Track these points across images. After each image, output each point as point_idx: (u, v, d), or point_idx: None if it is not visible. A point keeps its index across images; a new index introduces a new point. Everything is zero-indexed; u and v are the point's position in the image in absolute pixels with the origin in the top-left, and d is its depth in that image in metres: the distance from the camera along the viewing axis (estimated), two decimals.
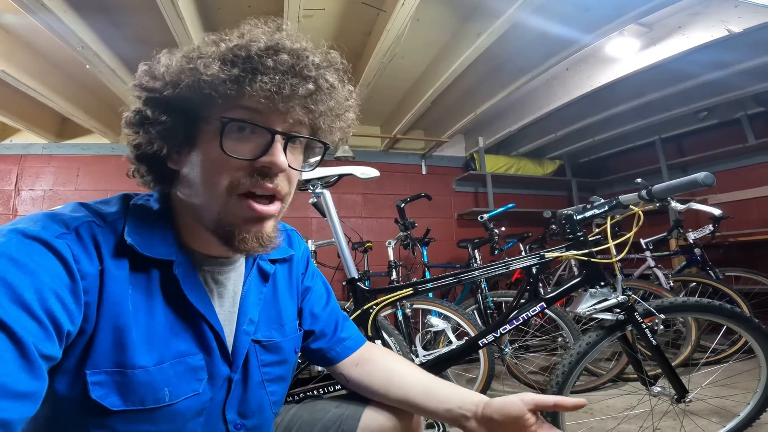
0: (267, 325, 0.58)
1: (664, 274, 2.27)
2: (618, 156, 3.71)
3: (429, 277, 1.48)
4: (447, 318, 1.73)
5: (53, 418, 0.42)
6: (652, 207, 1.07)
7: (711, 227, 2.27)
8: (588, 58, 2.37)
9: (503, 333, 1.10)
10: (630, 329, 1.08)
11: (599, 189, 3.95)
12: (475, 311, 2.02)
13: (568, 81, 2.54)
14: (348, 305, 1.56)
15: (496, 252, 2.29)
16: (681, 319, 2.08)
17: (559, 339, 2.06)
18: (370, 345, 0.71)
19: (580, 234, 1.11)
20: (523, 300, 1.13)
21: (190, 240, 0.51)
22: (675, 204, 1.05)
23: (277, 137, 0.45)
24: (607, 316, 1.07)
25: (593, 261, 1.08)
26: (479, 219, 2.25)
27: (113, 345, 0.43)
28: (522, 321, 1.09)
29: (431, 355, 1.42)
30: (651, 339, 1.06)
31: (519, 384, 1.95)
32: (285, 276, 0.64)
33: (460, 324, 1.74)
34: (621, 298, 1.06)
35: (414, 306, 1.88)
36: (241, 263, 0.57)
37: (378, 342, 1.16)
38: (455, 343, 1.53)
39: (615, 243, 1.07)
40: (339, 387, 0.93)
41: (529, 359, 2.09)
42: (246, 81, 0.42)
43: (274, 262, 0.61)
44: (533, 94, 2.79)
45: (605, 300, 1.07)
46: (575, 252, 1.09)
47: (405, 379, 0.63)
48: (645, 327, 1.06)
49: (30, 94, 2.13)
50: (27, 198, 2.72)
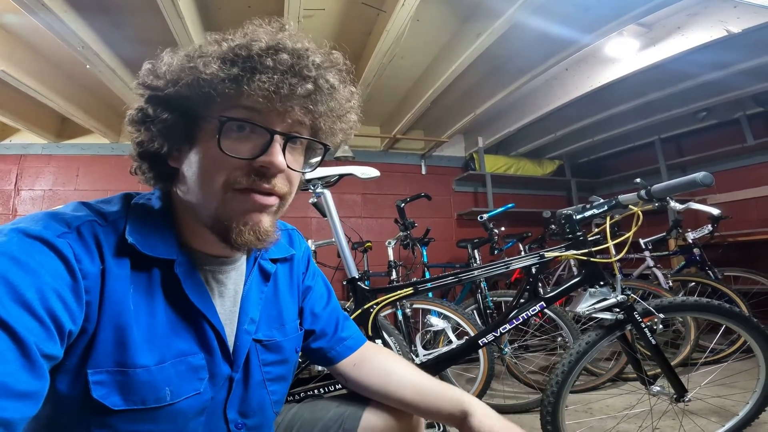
0: (268, 325, 0.58)
1: (663, 273, 2.27)
2: (617, 156, 3.71)
3: (429, 277, 1.48)
4: (447, 318, 1.73)
5: (54, 417, 0.42)
6: (651, 207, 1.07)
7: (710, 227, 2.27)
8: (587, 58, 2.37)
9: (503, 332, 1.10)
10: (629, 329, 1.09)
11: (599, 189, 3.95)
12: (475, 311, 2.02)
13: (567, 81, 2.54)
14: (348, 305, 1.56)
15: (495, 252, 2.29)
16: (680, 319, 2.08)
17: (559, 339, 2.06)
18: (370, 345, 0.71)
19: (579, 234, 1.11)
20: (523, 299, 1.13)
21: (190, 239, 0.51)
22: (674, 204, 1.05)
23: (276, 137, 0.45)
24: (607, 315, 1.07)
25: (592, 261, 1.09)
26: (479, 219, 2.25)
27: (114, 344, 0.43)
28: (522, 320, 1.09)
29: (431, 355, 1.42)
30: (650, 338, 1.06)
31: (519, 384, 1.95)
32: (286, 275, 0.64)
33: (459, 324, 1.74)
34: (620, 297, 1.06)
35: (414, 306, 1.88)
36: (242, 262, 0.57)
37: (378, 341, 1.16)
38: (455, 343, 1.53)
39: (614, 243, 1.07)
40: (340, 386, 0.94)
41: (529, 359, 2.09)
42: (245, 80, 0.42)
43: (275, 261, 0.61)
44: (533, 94, 2.79)
45: (604, 299, 1.07)
46: (575, 252, 1.10)
47: (401, 380, 0.63)
48: (644, 326, 1.06)
49: (30, 94, 2.13)
50: (27, 198, 2.72)
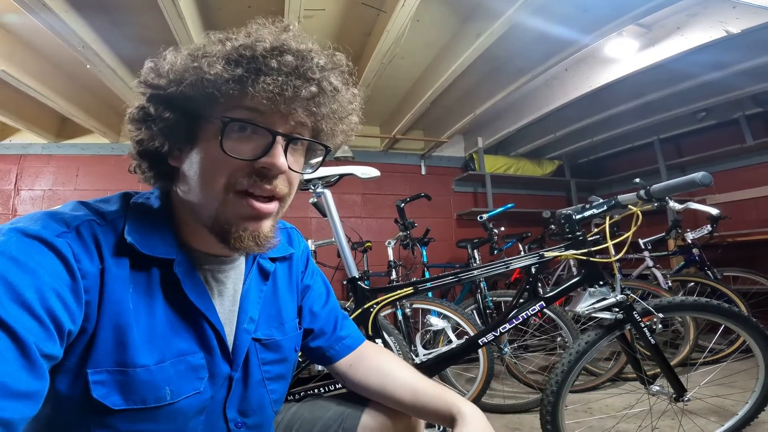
0: (267, 324, 0.58)
1: (662, 274, 2.27)
2: (617, 156, 3.71)
3: (429, 277, 1.48)
4: (446, 317, 1.73)
5: (54, 417, 0.42)
6: (650, 207, 1.08)
7: (709, 227, 2.27)
8: (587, 58, 2.37)
9: (503, 332, 1.10)
10: (629, 328, 1.09)
11: (598, 189, 3.95)
12: (475, 311, 2.02)
13: (567, 81, 2.54)
14: (348, 304, 1.56)
15: (495, 252, 2.30)
16: (679, 319, 2.09)
17: (558, 339, 2.07)
18: (368, 344, 0.71)
19: (579, 233, 1.11)
20: (522, 299, 1.13)
21: (189, 238, 0.51)
22: (673, 204, 1.05)
23: (278, 138, 0.45)
24: (606, 315, 1.07)
25: (592, 260, 1.09)
26: (478, 219, 2.25)
27: (114, 344, 0.43)
28: (521, 320, 1.09)
29: (431, 354, 1.42)
30: (649, 338, 1.06)
31: (518, 383, 1.95)
32: (285, 274, 0.64)
33: (459, 324, 1.74)
34: (620, 297, 1.06)
35: (413, 306, 1.88)
36: (241, 262, 0.57)
37: (378, 341, 1.16)
38: (455, 342, 1.53)
39: (613, 243, 1.07)
40: (339, 386, 0.94)
41: (529, 359, 2.09)
42: (249, 81, 0.42)
43: (274, 260, 0.61)
44: (532, 94, 2.79)
45: (604, 299, 1.07)
46: (574, 251, 1.10)
47: (398, 381, 0.63)
48: (643, 326, 1.06)
49: (30, 94, 2.13)
50: (26, 198, 2.72)
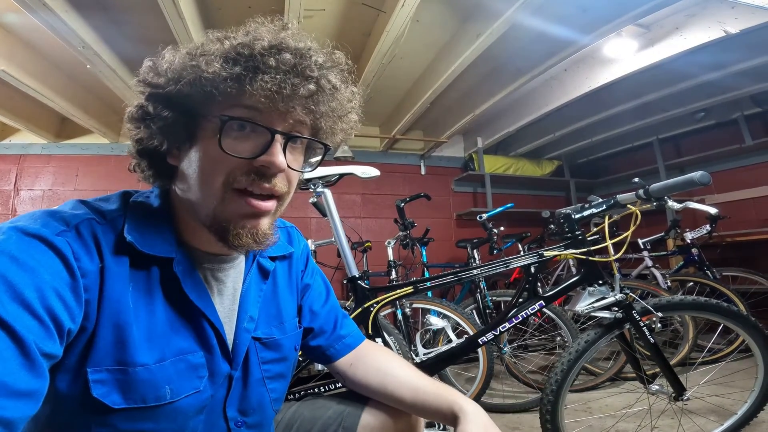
0: (267, 323, 0.58)
1: (661, 273, 2.28)
2: (616, 156, 3.72)
3: (429, 276, 1.48)
4: (446, 317, 1.73)
5: (54, 416, 0.42)
6: (649, 206, 1.08)
7: (708, 227, 2.27)
8: (586, 58, 2.37)
9: (502, 331, 1.10)
10: (628, 327, 1.09)
11: (597, 189, 3.95)
12: (474, 311, 2.02)
13: (566, 82, 2.55)
14: (348, 304, 1.56)
15: (494, 252, 2.30)
16: (678, 318, 2.09)
17: (558, 338, 2.07)
18: (368, 343, 0.71)
19: (578, 233, 1.11)
20: (522, 299, 1.14)
21: (189, 237, 0.51)
22: (672, 203, 1.05)
23: (277, 137, 0.45)
24: (605, 314, 1.07)
25: (591, 260, 1.09)
26: (478, 219, 2.25)
27: (114, 343, 0.43)
28: (521, 319, 1.09)
29: (431, 354, 1.42)
30: (649, 337, 1.06)
31: (518, 383, 1.95)
32: (285, 273, 0.64)
33: (459, 323, 1.74)
34: (619, 296, 1.07)
35: (413, 305, 1.88)
36: (241, 260, 0.57)
37: (378, 340, 1.16)
38: (455, 342, 1.53)
39: (613, 242, 1.08)
40: (339, 385, 0.94)
41: (528, 358, 2.10)
42: (247, 79, 0.42)
43: (273, 259, 0.61)
44: (532, 94, 2.79)
45: (603, 298, 1.07)
46: (573, 251, 1.10)
47: (398, 379, 0.63)
48: (643, 325, 1.07)
49: (30, 93, 2.12)
50: (26, 198, 2.72)
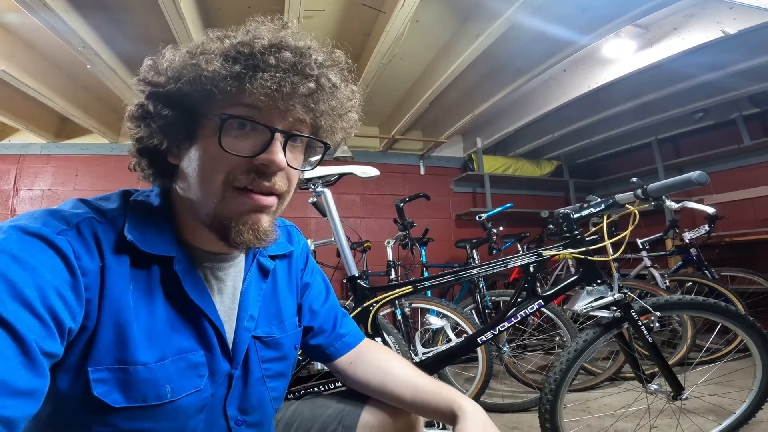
0: (267, 321, 0.58)
1: (660, 273, 2.28)
2: (615, 157, 3.72)
3: (428, 276, 1.48)
4: (445, 317, 1.74)
5: (55, 415, 0.42)
6: (647, 206, 1.08)
7: (707, 227, 2.28)
8: (585, 59, 2.38)
9: (501, 330, 1.10)
10: (626, 327, 1.09)
11: (596, 189, 3.96)
12: (473, 311, 2.02)
13: (565, 82, 2.55)
14: (348, 303, 1.57)
15: (494, 252, 2.30)
16: (677, 318, 2.09)
17: (557, 338, 2.07)
18: (368, 342, 0.71)
19: (576, 233, 1.12)
20: (521, 298, 1.14)
21: (189, 236, 0.51)
22: (670, 203, 1.06)
23: (277, 135, 0.45)
24: (604, 313, 1.08)
25: (590, 259, 1.09)
26: (477, 219, 2.25)
27: (115, 342, 0.43)
28: (519, 318, 1.10)
29: (430, 353, 1.43)
30: (647, 336, 1.07)
31: (517, 383, 1.95)
32: (284, 272, 0.64)
33: (458, 323, 1.74)
34: (617, 295, 1.07)
35: (413, 305, 1.88)
36: (241, 259, 0.57)
37: (378, 340, 1.16)
38: (454, 341, 1.53)
39: (611, 241, 1.08)
40: (339, 384, 0.94)
41: (527, 358, 2.10)
42: (247, 78, 0.42)
43: (273, 258, 0.61)
44: (531, 95, 2.80)
45: (602, 297, 1.07)
46: (572, 250, 1.10)
47: (398, 378, 0.63)
48: (641, 324, 1.07)
49: (30, 93, 2.12)
50: (25, 198, 2.72)
